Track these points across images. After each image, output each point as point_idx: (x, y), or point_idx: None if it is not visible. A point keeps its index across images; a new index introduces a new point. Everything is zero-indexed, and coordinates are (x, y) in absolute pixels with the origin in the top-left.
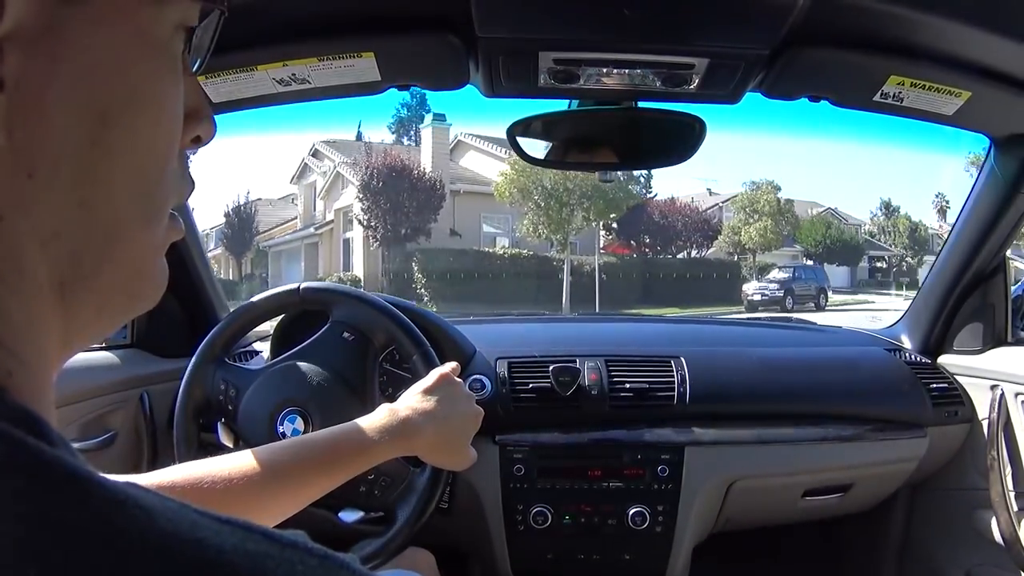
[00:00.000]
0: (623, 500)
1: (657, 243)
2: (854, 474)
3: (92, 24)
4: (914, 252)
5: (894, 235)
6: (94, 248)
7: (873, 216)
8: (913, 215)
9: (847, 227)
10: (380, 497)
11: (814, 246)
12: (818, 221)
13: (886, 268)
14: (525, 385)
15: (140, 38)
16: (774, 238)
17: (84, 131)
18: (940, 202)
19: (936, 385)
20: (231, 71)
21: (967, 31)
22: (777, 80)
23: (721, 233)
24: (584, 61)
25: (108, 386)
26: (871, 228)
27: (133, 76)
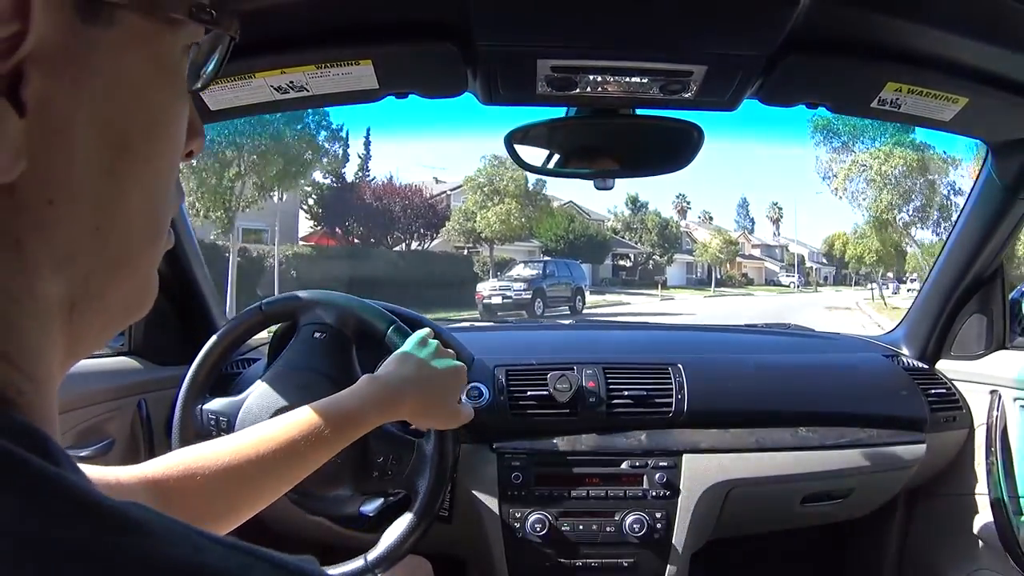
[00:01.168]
0: (621, 507)
1: (370, 232)
2: (852, 480)
3: (115, 49)
4: (663, 249)
5: (641, 232)
6: (106, 270)
7: (616, 212)
8: (663, 211)
9: (591, 222)
10: (394, 477)
11: (555, 241)
12: (560, 214)
13: (631, 267)
14: (523, 393)
15: (157, 63)
16: (519, 226)
17: (104, 157)
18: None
19: (934, 390)
20: (229, 79)
21: (964, 37)
22: (775, 87)
23: (449, 220)
24: (582, 69)
25: (105, 393)
26: (615, 224)
27: (151, 102)
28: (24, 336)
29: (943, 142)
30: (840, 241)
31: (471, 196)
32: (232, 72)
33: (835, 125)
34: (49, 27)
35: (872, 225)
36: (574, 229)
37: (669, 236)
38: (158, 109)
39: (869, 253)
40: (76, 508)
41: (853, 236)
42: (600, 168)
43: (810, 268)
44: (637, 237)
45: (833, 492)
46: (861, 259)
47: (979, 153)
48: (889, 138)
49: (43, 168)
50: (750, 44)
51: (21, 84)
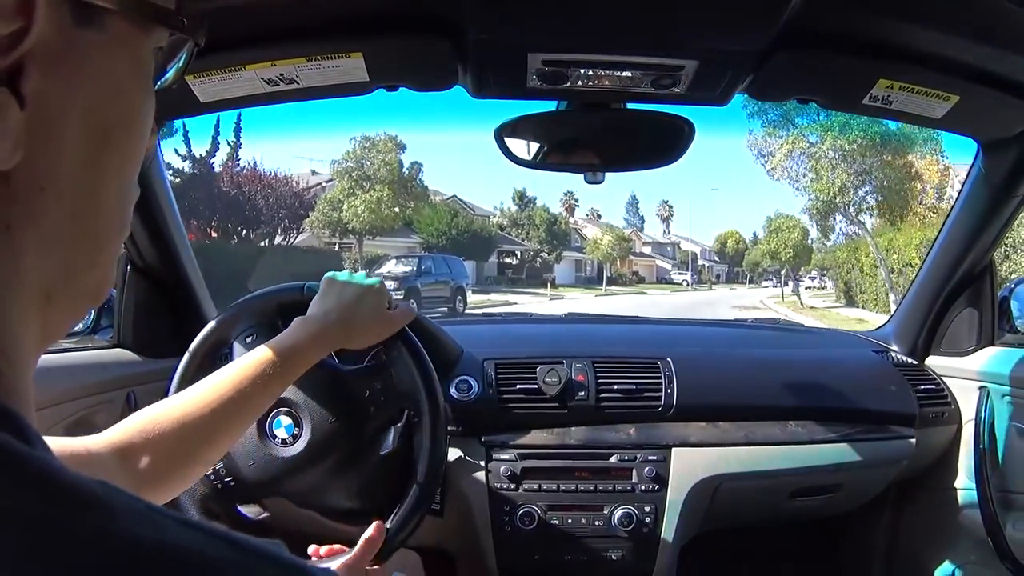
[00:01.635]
0: (610, 501)
1: (232, 225)
2: (841, 475)
3: (102, 50)
4: (551, 246)
5: (529, 228)
6: (81, 257)
7: (502, 207)
8: (551, 207)
9: (476, 217)
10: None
11: (436, 237)
12: (442, 208)
13: (518, 264)
14: (512, 386)
15: (135, 64)
16: (392, 216)
17: (88, 150)
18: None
19: (923, 386)
20: (219, 71)
21: (956, 35)
22: (766, 82)
23: (314, 210)
24: (573, 62)
25: (94, 386)
26: (501, 220)
27: (129, 100)
28: (6, 320)
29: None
30: (733, 239)
31: (338, 183)
32: (222, 64)
33: None
34: (48, 27)
35: (816, 210)
36: (457, 224)
37: (558, 233)
38: (134, 107)
39: (784, 248)
40: (44, 485)
41: (767, 230)
42: (590, 162)
43: (703, 266)
44: (524, 234)
45: (822, 487)
46: (775, 255)
47: (938, 139)
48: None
49: (37, 158)
50: (742, 39)
51: (21, 78)
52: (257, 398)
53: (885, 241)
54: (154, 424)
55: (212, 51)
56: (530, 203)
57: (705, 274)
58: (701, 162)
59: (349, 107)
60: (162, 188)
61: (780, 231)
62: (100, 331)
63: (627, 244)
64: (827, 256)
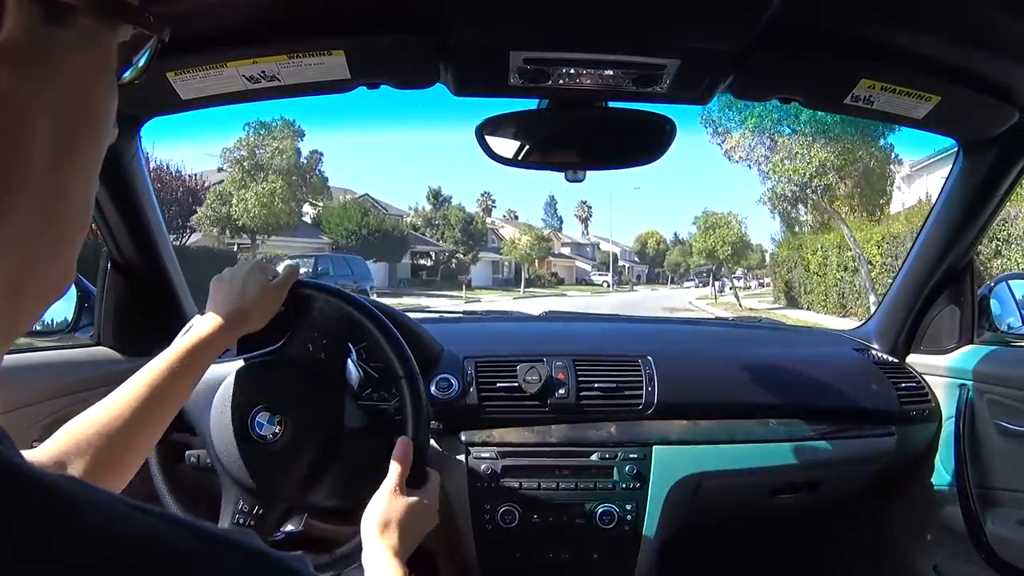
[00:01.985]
0: (591, 499)
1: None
2: (823, 472)
3: (69, 49)
4: (467, 247)
5: (444, 228)
6: (49, 255)
7: (417, 207)
8: (467, 206)
9: (388, 217)
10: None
11: (345, 237)
12: (352, 207)
13: (432, 266)
14: (492, 384)
15: (100, 62)
16: (286, 211)
17: (56, 148)
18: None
19: (904, 384)
20: (201, 68)
21: (938, 35)
22: (747, 82)
23: (203, 204)
24: (555, 61)
25: (75, 385)
26: (415, 220)
27: (95, 98)
28: None
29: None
30: (653, 239)
31: (229, 173)
32: (204, 61)
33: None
34: (17, 25)
35: (778, 199)
36: (368, 224)
37: (474, 233)
38: (100, 104)
39: (723, 246)
40: (7, 480)
41: (701, 226)
42: (570, 160)
43: (623, 267)
44: (439, 234)
45: (804, 484)
46: (712, 253)
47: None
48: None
49: (5, 157)
50: (724, 39)
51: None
52: (172, 396)
53: (836, 238)
54: (82, 432)
55: (193, 48)
56: (445, 202)
57: (626, 275)
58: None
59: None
60: (143, 186)
61: (717, 227)
62: (80, 329)
63: (546, 244)
64: (761, 254)
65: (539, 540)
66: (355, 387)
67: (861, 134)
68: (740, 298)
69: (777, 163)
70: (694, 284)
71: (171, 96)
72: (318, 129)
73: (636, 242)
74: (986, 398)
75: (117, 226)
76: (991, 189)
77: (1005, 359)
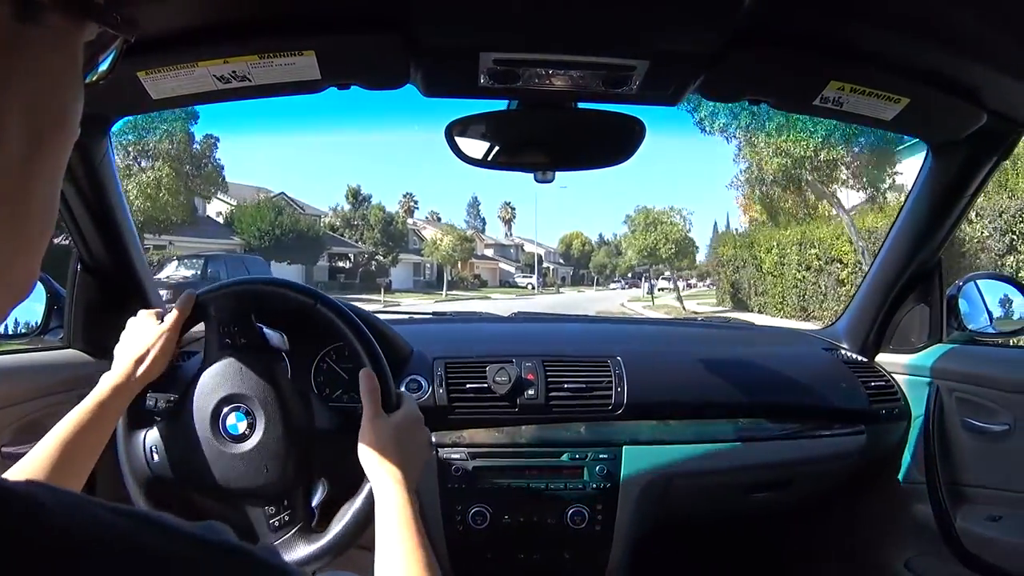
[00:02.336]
0: (562, 499)
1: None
2: (794, 471)
3: (40, 47)
4: (387, 248)
5: (363, 229)
6: (15, 254)
7: (336, 207)
8: (388, 205)
9: (304, 216)
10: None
11: (258, 238)
12: (266, 206)
13: (351, 268)
14: (462, 385)
15: (69, 60)
16: (174, 204)
17: (27, 146)
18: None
19: (874, 383)
20: (171, 67)
21: (907, 37)
22: (717, 83)
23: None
24: (524, 62)
25: (45, 388)
26: (334, 220)
27: (63, 96)
28: None
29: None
30: (578, 240)
31: (117, 158)
32: (174, 60)
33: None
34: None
35: (754, 180)
36: (281, 223)
37: (394, 233)
38: (67, 104)
39: (665, 244)
40: None
41: (640, 223)
42: (540, 161)
43: (548, 268)
44: (358, 235)
45: (775, 483)
46: (653, 251)
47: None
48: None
49: None
50: (694, 40)
51: None
52: (84, 450)
53: (796, 235)
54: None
55: (164, 47)
56: (365, 201)
57: (550, 277)
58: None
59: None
60: (112, 187)
61: (659, 223)
62: (50, 331)
63: (469, 245)
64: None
65: (510, 541)
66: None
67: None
68: (683, 300)
69: (772, 132)
70: (620, 286)
71: (141, 96)
72: (246, 128)
73: (560, 243)
74: (955, 396)
75: (87, 227)
76: (960, 190)
77: (973, 357)
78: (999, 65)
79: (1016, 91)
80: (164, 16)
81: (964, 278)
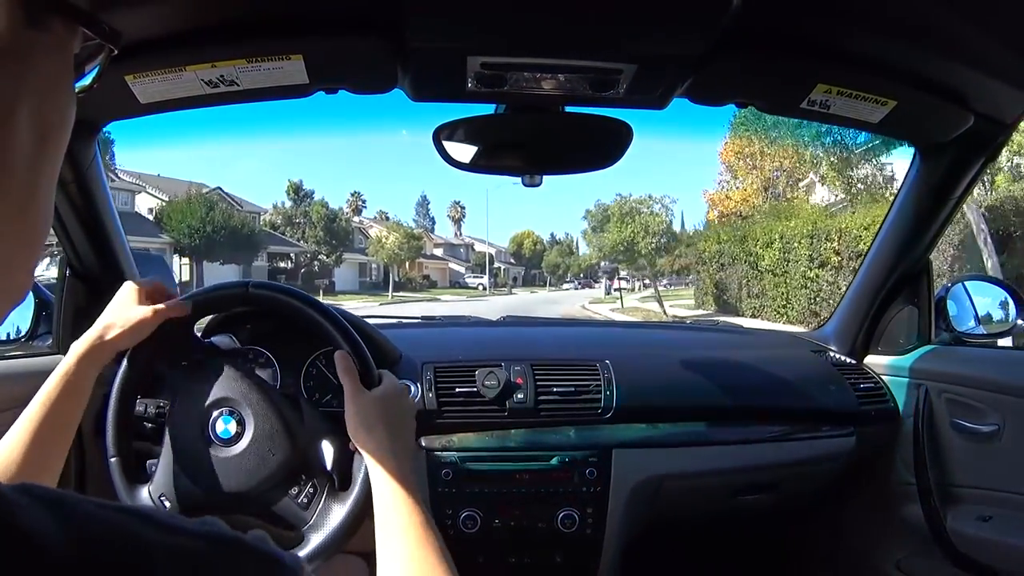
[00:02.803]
0: (552, 503)
1: None
2: (784, 473)
3: (45, 51)
4: (330, 247)
5: (305, 227)
6: (21, 252)
7: (277, 204)
8: (332, 201)
9: (240, 213)
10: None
11: (189, 236)
12: (198, 201)
13: (292, 268)
14: (451, 389)
15: (67, 66)
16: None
17: (32, 146)
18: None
19: (862, 385)
20: (159, 71)
21: (894, 40)
22: (704, 86)
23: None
24: (512, 66)
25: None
26: (274, 217)
27: (63, 100)
28: None
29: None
30: (530, 240)
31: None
32: (162, 64)
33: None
34: (2, 25)
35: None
36: (213, 219)
37: (338, 231)
38: (66, 108)
39: (645, 238)
40: None
41: (616, 213)
42: (527, 165)
43: (499, 268)
44: (300, 233)
45: (765, 485)
46: (631, 246)
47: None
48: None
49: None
50: (681, 43)
51: None
52: (57, 428)
53: (805, 226)
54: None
55: (152, 51)
56: (307, 197)
57: (502, 277)
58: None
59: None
60: (101, 192)
61: (636, 215)
62: (38, 337)
63: (416, 244)
64: (688, 249)
65: (501, 545)
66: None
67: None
68: (663, 302)
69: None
70: (574, 286)
71: (129, 100)
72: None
73: (511, 243)
74: (944, 397)
75: (76, 232)
76: (947, 192)
77: (962, 358)
78: (985, 67)
79: (1003, 93)
80: (152, 19)
81: (952, 280)
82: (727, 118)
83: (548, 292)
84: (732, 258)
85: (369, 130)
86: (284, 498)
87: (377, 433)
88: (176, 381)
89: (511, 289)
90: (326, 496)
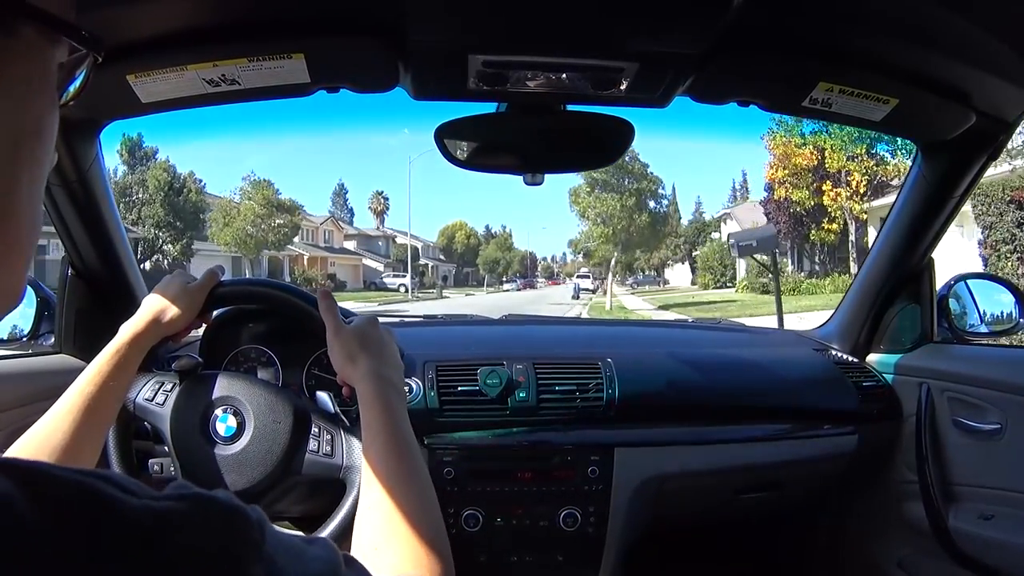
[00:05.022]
0: (554, 502)
1: None
2: (785, 471)
3: (16, 57)
4: (175, 232)
5: (141, 204)
6: (9, 257)
7: (109, 171)
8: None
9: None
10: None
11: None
12: None
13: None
14: (453, 388)
15: (42, 74)
16: None
17: (3, 152)
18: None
19: (865, 383)
20: (160, 70)
21: (896, 38)
22: (706, 85)
23: None
24: (513, 64)
25: (35, 394)
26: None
27: (38, 108)
28: None
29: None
30: (462, 232)
31: None
32: (164, 63)
33: None
34: None
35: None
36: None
37: (184, 209)
38: (43, 116)
39: (640, 215)
40: None
41: (599, 181)
42: (528, 163)
43: (425, 266)
44: (135, 213)
45: (767, 484)
46: (631, 220)
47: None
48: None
49: None
50: (682, 42)
51: None
52: (104, 404)
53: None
54: (29, 450)
55: (153, 50)
56: (147, 158)
57: (429, 275)
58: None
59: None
60: (103, 192)
61: (643, 179)
62: (41, 337)
63: (291, 220)
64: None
65: (503, 544)
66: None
67: None
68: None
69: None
70: (515, 287)
71: (130, 99)
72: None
73: (441, 236)
74: (946, 396)
75: (78, 232)
76: (949, 190)
77: (964, 357)
78: (987, 65)
79: (1004, 91)
80: (153, 18)
81: (954, 278)
82: (727, 118)
83: (486, 294)
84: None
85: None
86: (307, 456)
87: (361, 361)
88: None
89: (440, 292)
90: (344, 436)
